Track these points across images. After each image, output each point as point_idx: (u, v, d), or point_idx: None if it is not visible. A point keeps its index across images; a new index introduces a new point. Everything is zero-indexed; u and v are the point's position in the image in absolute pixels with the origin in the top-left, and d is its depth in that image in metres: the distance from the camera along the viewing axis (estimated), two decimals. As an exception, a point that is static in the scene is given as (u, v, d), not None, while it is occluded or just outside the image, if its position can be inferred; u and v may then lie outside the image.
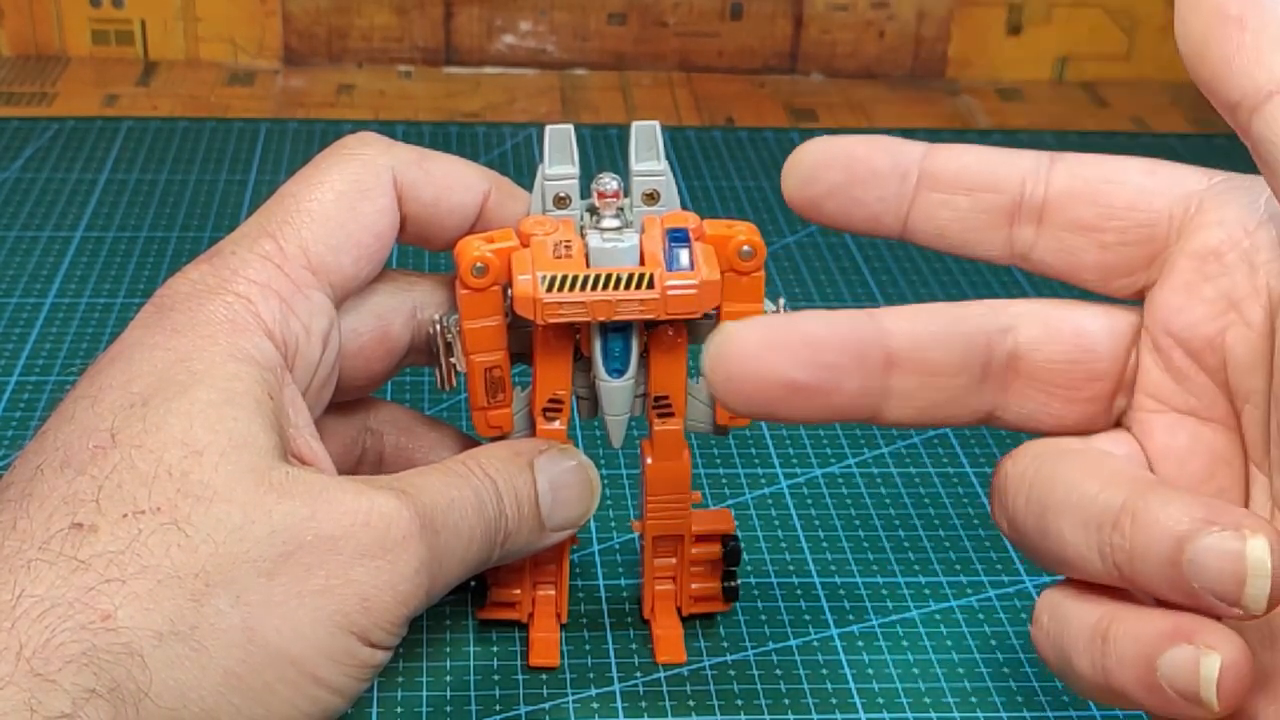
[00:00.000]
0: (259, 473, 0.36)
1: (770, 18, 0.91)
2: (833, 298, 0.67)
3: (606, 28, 0.90)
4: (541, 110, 0.86)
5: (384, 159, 0.42)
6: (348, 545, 0.36)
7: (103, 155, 0.77)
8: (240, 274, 0.40)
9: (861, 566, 0.50)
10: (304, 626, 0.36)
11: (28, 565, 0.34)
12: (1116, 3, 0.92)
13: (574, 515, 0.43)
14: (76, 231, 0.70)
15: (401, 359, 0.44)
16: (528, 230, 0.41)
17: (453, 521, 0.39)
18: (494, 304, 0.41)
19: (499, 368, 0.42)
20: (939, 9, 0.91)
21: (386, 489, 0.38)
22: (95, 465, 0.36)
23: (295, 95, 0.86)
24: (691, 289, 0.40)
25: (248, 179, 0.76)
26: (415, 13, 0.89)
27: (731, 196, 0.76)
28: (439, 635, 0.47)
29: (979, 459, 0.56)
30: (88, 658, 0.33)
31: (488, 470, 0.41)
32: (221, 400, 0.37)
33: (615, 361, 0.42)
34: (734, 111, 0.87)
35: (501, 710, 0.44)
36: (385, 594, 0.37)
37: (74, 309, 0.63)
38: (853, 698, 0.45)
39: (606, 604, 0.48)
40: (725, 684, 0.45)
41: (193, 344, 0.38)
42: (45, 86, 0.86)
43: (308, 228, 0.40)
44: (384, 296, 0.43)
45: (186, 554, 0.35)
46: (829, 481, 0.55)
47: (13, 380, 0.58)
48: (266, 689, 0.35)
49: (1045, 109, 0.90)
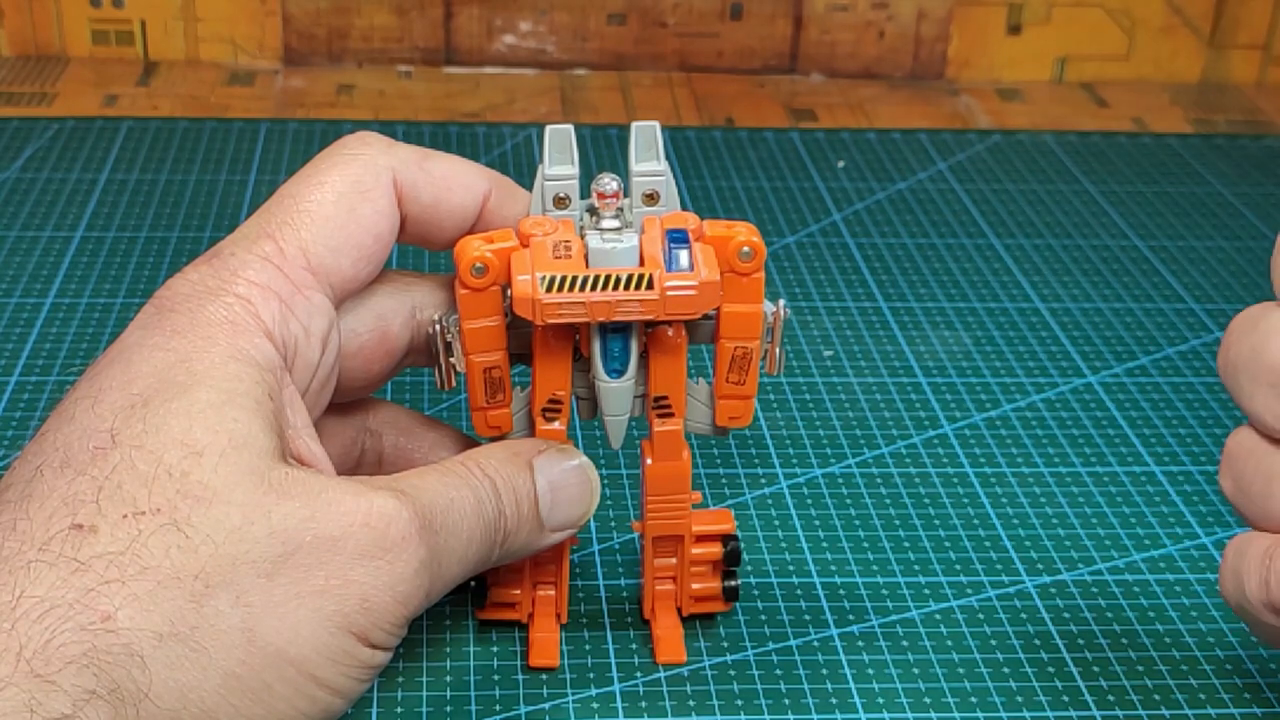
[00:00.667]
0: (258, 473, 0.36)
1: (770, 18, 0.91)
2: (832, 298, 0.67)
3: (606, 28, 0.90)
4: (541, 110, 0.86)
5: (384, 160, 0.42)
6: (347, 546, 0.36)
7: (103, 155, 0.77)
8: (240, 275, 0.40)
9: (861, 566, 0.50)
10: (304, 627, 0.36)
11: (27, 566, 0.34)
12: (1116, 3, 0.92)
13: (574, 515, 0.43)
14: (76, 231, 0.70)
15: (401, 360, 0.44)
16: (527, 230, 0.41)
17: (452, 522, 0.39)
18: (493, 304, 0.41)
19: (498, 368, 0.42)
20: (939, 9, 0.91)
21: (385, 489, 0.38)
22: (95, 466, 0.36)
23: (295, 95, 0.86)
24: (691, 290, 0.40)
25: (248, 179, 0.76)
26: (415, 13, 0.89)
27: (731, 197, 0.76)
28: (439, 635, 0.47)
29: (979, 459, 0.56)
30: (88, 659, 0.33)
31: (486, 470, 0.41)
32: (221, 401, 0.37)
33: (614, 362, 0.42)
34: (734, 112, 0.87)
35: (501, 710, 0.44)
36: (384, 594, 0.37)
37: (74, 309, 0.63)
38: (853, 698, 0.45)
39: (606, 604, 0.48)
40: (725, 684, 0.45)
41: (193, 345, 0.38)
42: (45, 86, 0.86)
43: (307, 229, 0.40)
44: (383, 297, 0.43)
45: (186, 555, 0.35)
46: (829, 481, 0.55)
47: (13, 380, 0.58)
48: (266, 689, 0.35)
49: (1045, 109, 0.90)
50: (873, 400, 0.60)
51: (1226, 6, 0.92)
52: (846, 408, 0.59)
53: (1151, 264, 0.71)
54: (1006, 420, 0.58)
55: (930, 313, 0.66)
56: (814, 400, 0.59)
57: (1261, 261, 0.72)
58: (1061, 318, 0.66)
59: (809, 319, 0.65)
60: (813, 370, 0.61)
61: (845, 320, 0.65)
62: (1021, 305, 0.67)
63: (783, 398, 0.59)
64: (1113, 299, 0.68)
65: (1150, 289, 0.69)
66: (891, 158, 0.82)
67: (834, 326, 0.65)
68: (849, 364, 0.62)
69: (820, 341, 0.64)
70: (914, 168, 0.81)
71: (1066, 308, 0.67)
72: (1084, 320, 0.66)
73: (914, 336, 0.64)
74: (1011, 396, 0.60)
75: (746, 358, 0.43)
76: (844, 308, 0.66)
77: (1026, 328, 0.65)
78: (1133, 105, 0.91)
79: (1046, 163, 0.82)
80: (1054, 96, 0.92)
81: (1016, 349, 0.64)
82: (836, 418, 0.58)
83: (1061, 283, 0.69)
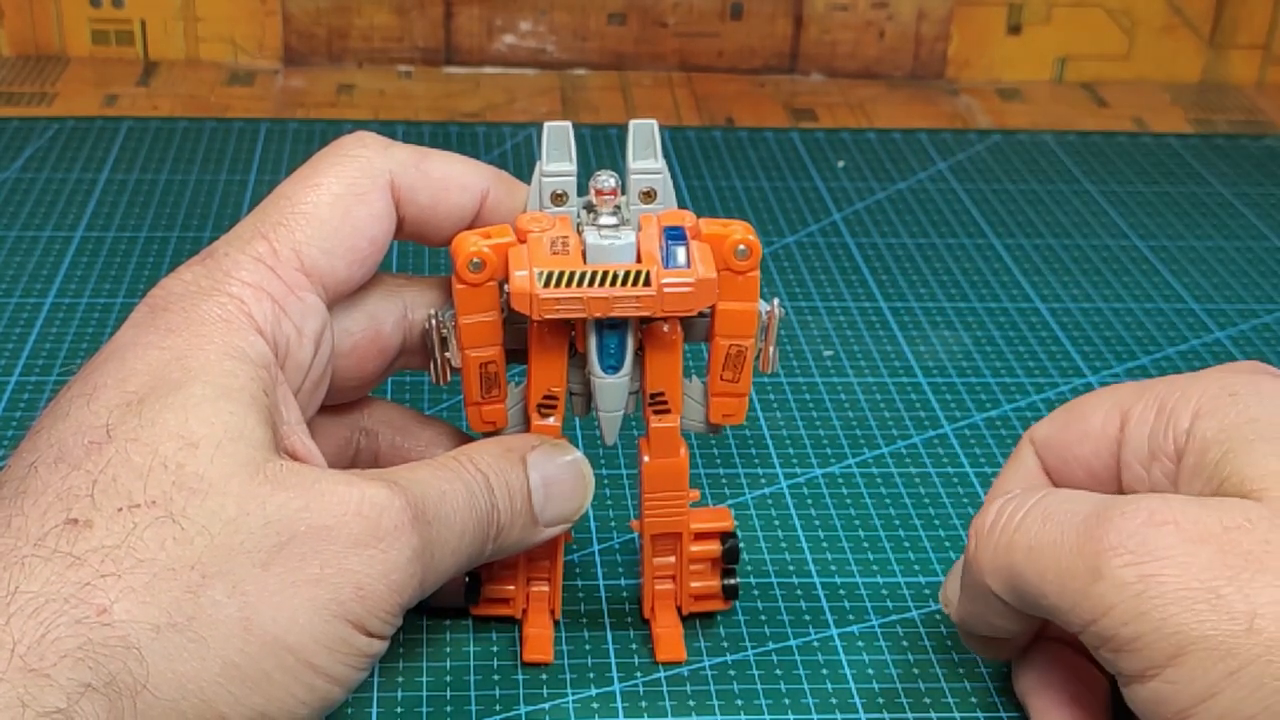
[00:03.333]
0: (254, 465, 0.36)
1: (770, 18, 0.90)
2: (832, 298, 0.67)
3: (606, 28, 0.90)
4: (541, 110, 0.86)
5: (381, 161, 0.42)
6: (341, 535, 0.36)
7: (103, 155, 0.77)
8: (233, 275, 0.40)
9: (861, 566, 0.50)
10: (300, 615, 0.36)
11: (22, 562, 0.34)
12: (1116, 3, 0.92)
13: (568, 510, 0.43)
14: (76, 231, 0.70)
15: (393, 360, 0.44)
16: (525, 226, 0.41)
17: (445, 513, 0.39)
18: (490, 299, 0.41)
19: (494, 363, 0.42)
20: (939, 9, 0.91)
21: (378, 480, 0.38)
22: (90, 461, 0.36)
23: (295, 95, 0.86)
24: (688, 286, 0.40)
25: (248, 179, 0.76)
26: (415, 13, 0.89)
27: (731, 196, 0.76)
28: (439, 635, 0.47)
29: (979, 459, 0.56)
30: (83, 652, 0.33)
31: (479, 465, 0.41)
32: (217, 395, 0.37)
33: (610, 358, 0.42)
34: (734, 111, 0.87)
35: (501, 710, 0.44)
36: (379, 582, 0.37)
37: (74, 309, 0.63)
38: (853, 698, 0.45)
39: (606, 603, 0.48)
40: (725, 684, 0.45)
41: (187, 343, 0.38)
42: (45, 86, 0.86)
43: (302, 230, 0.40)
44: (375, 298, 0.43)
45: (182, 546, 0.35)
46: (829, 481, 0.55)
47: (13, 380, 0.58)
48: (265, 678, 0.35)
49: (1045, 109, 0.90)
50: (873, 400, 0.59)
51: (1226, 6, 0.92)
52: (846, 408, 0.59)
53: (1151, 264, 0.71)
54: (1006, 420, 0.58)
55: (930, 313, 0.66)
56: (814, 400, 0.59)
57: (1262, 262, 0.72)
58: (1061, 318, 0.66)
59: (809, 319, 0.65)
60: (813, 370, 0.61)
61: (845, 320, 0.65)
62: (1021, 305, 0.67)
63: (783, 398, 0.59)
64: (1113, 299, 0.68)
65: (1150, 289, 0.69)
66: (891, 158, 0.82)
67: (834, 326, 0.65)
68: (849, 364, 0.62)
69: (820, 341, 0.63)
70: (914, 168, 0.80)
71: (1066, 308, 0.67)
72: (1084, 320, 0.66)
73: (914, 336, 0.64)
74: (1011, 396, 0.60)
75: (741, 356, 0.43)
76: (844, 308, 0.66)
77: (1026, 328, 0.65)
78: (1133, 105, 0.91)
79: (1046, 163, 0.82)
80: (1054, 96, 0.92)
81: (1016, 349, 0.63)
82: (836, 418, 0.58)
83: (1061, 283, 0.69)
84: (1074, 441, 0.43)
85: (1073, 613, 0.37)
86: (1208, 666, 0.35)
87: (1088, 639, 0.37)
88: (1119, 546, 0.36)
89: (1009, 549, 0.39)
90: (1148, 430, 0.41)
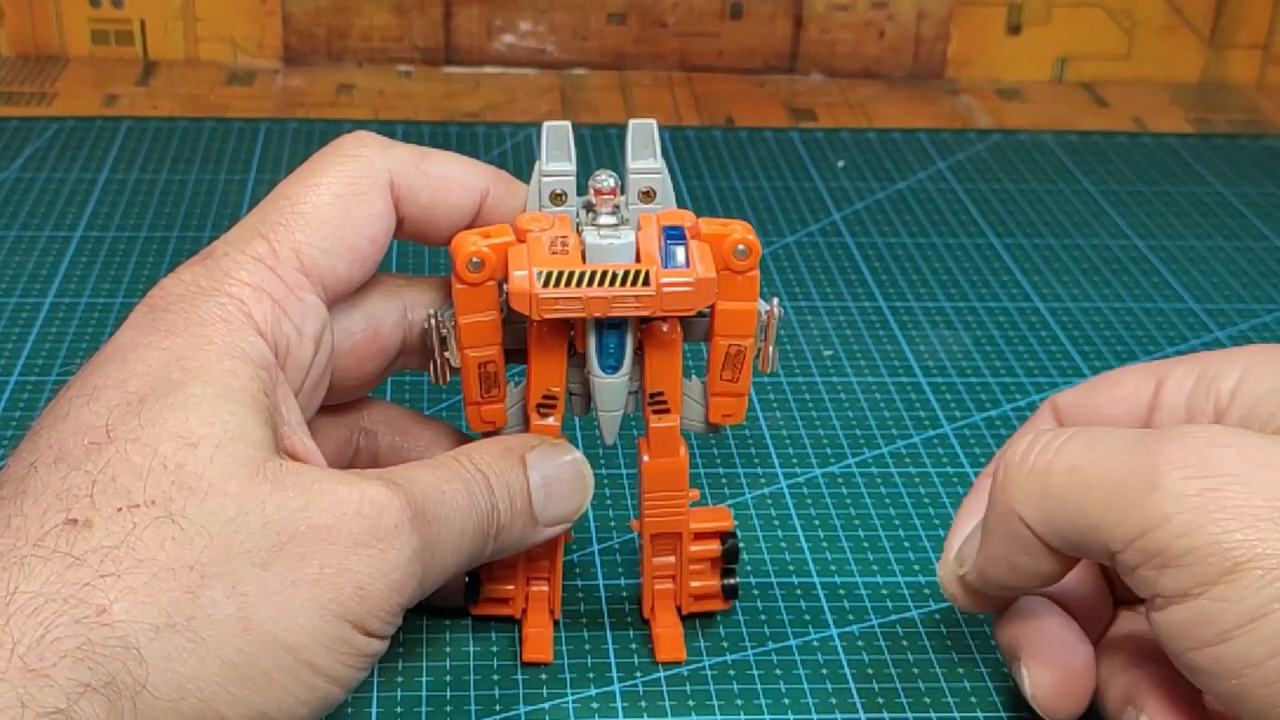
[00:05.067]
0: (253, 465, 0.36)
1: (770, 18, 0.90)
2: (832, 298, 0.67)
3: (606, 28, 0.90)
4: (541, 110, 0.86)
5: (381, 161, 0.42)
6: (340, 534, 0.36)
7: (102, 155, 0.77)
8: (233, 276, 0.40)
9: (861, 566, 0.50)
10: (300, 615, 0.36)
11: (22, 562, 0.34)
12: (1116, 3, 0.92)
13: (567, 510, 0.43)
14: (76, 231, 0.70)
15: (393, 360, 0.44)
16: (524, 226, 0.41)
17: (444, 513, 0.39)
18: (489, 299, 0.41)
19: (493, 363, 0.42)
20: (939, 9, 0.91)
21: (377, 479, 0.38)
22: (89, 461, 0.36)
23: (295, 95, 0.86)
24: (688, 286, 0.40)
25: (247, 179, 0.76)
26: (415, 13, 0.89)
27: (731, 196, 0.76)
28: (438, 635, 0.47)
29: (979, 459, 0.56)
30: (83, 652, 0.33)
31: (479, 465, 0.41)
32: (217, 395, 0.37)
33: (610, 358, 0.42)
34: (734, 111, 0.87)
35: (501, 710, 0.44)
36: (379, 582, 0.37)
37: (74, 309, 0.63)
38: (853, 698, 0.45)
39: (606, 603, 0.48)
40: (725, 684, 0.45)
41: (187, 343, 0.38)
42: (45, 86, 0.86)
43: (301, 230, 0.40)
44: (375, 298, 0.43)
45: (181, 546, 0.35)
46: (829, 481, 0.55)
47: (13, 380, 0.58)
48: (265, 678, 0.35)
49: (1045, 109, 0.90)
50: (873, 400, 0.59)
51: (1226, 6, 0.92)
52: (846, 408, 0.59)
53: (1151, 264, 0.71)
54: (1006, 420, 0.58)
55: (930, 313, 0.66)
56: (814, 400, 0.59)
57: (1262, 262, 0.72)
58: (1061, 318, 0.66)
59: (809, 319, 0.65)
60: (813, 370, 0.61)
61: (845, 320, 0.65)
62: (1021, 305, 0.67)
63: (783, 398, 0.59)
64: (1113, 299, 0.68)
65: (1150, 289, 0.69)
66: (891, 158, 0.82)
67: (834, 326, 0.65)
68: (849, 364, 0.62)
69: (820, 341, 0.63)
70: (914, 168, 0.80)
71: (1066, 308, 0.67)
72: (1084, 320, 0.66)
73: (914, 336, 0.64)
74: (1011, 396, 0.60)
75: (740, 355, 0.43)
76: (844, 308, 0.66)
77: (1026, 328, 0.65)
78: (1133, 105, 0.91)
79: (1046, 162, 0.82)
80: (1054, 96, 0.91)
81: (1016, 349, 0.63)
82: (836, 418, 0.58)
83: (1061, 283, 0.69)
84: (1102, 405, 0.42)
85: (1119, 527, 0.36)
86: (1262, 586, 0.33)
87: (1128, 557, 0.36)
88: (1180, 460, 0.35)
89: (1047, 471, 0.38)
90: (1185, 393, 0.40)
